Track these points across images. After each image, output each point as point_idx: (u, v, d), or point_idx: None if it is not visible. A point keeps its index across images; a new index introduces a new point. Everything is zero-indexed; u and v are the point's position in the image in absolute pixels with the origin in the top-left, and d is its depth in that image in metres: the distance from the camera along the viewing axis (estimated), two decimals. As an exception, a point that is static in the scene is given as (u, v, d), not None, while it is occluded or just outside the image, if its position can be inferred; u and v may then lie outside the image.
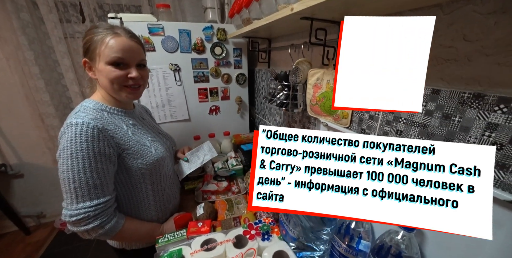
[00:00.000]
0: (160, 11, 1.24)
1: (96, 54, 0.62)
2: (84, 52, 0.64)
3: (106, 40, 0.61)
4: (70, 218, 0.58)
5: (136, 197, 0.74)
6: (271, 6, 0.77)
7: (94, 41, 0.61)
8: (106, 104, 0.68)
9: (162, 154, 0.76)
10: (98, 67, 0.63)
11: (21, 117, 1.74)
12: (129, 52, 0.64)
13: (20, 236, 1.85)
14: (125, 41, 0.63)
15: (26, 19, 1.54)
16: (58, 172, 0.59)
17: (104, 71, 0.62)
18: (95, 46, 0.61)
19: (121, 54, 0.62)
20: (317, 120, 0.84)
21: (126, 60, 0.64)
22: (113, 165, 0.64)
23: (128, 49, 0.63)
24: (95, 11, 1.68)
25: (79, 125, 0.57)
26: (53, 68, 1.75)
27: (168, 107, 1.27)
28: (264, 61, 1.26)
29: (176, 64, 1.21)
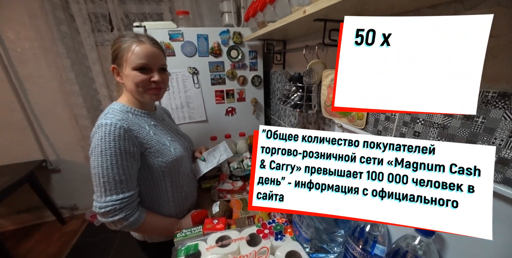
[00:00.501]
0: (179, 18, 1.30)
1: (123, 61, 0.67)
2: (113, 59, 0.70)
3: (132, 47, 0.66)
4: (100, 209, 0.64)
5: (156, 193, 0.78)
6: (285, 8, 0.77)
7: (121, 49, 0.67)
8: (131, 106, 0.74)
9: (180, 153, 0.80)
10: (125, 72, 0.69)
11: (59, 118, 1.94)
12: (152, 58, 0.69)
13: (57, 226, 2.05)
14: (149, 48, 0.68)
15: (65, 31, 1.72)
16: (90, 168, 0.66)
17: (130, 75, 0.68)
18: (123, 53, 0.67)
19: (145, 60, 0.67)
20: (331, 121, 0.83)
21: (150, 65, 0.69)
22: (136, 162, 0.70)
23: (151, 55, 0.69)
24: (122, 20, 1.81)
25: (108, 126, 0.63)
26: (86, 74, 1.92)
27: (187, 109, 1.33)
28: (279, 63, 1.27)
29: (195, 67, 1.27)
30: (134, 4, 1.82)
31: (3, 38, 1.66)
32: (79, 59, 1.85)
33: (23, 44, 1.71)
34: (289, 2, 0.73)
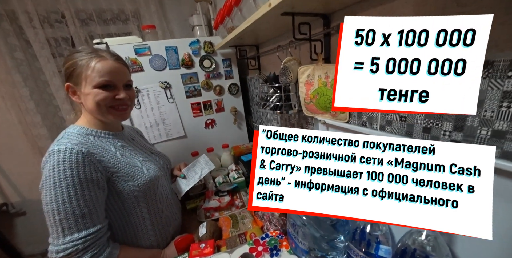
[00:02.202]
0: (146, 32, 1.26)
1: (82, 79, 0.60)
2: (67, 76, 0.62)
3: (91, 64, 0.60)
4: (57, 254, 0.52)
5: (131, 222, 0.68)
6: (251, 9, 0.76)
7: (78, 66, 0.60)
8: (92, 128, 0.65)
9: (155, 173, 0.71)
10: (84, 91, 0.61)
11: (21, 153, 1.73)
12: (116, 74, 0.63)
13: (23, 279, 1.74)
14: (111, 63, 0.62)
15: (20, 58, 1.59)
16: (42, 205, 0.55)
17: (91, 94, 0.60)
18: (80, 70, 0.60)
19: (109, 77, 0.61)
20: (314, 119, 0.79)
21: (114, 82, 0.63)
22: (102, 190, 0.60)
23: (115, 71, 0.63)
24: (87, 42, 1.73)
25: (62, 152, 0.54)
26: (49, 102, 1.77)
27: (163, 126, 1.24)
28: (254, 68, 1.25)
29: (166, 81, 1.21)
30: (99, 24, 1.76)
31: None
32: (39, 87, 1.71)
33: (-29, 75, 1.54)
34: (254, 1, 0.71)
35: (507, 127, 0.35)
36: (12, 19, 1.54)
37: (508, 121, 0.35)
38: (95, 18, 1.73)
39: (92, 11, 1.71)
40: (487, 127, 0.37)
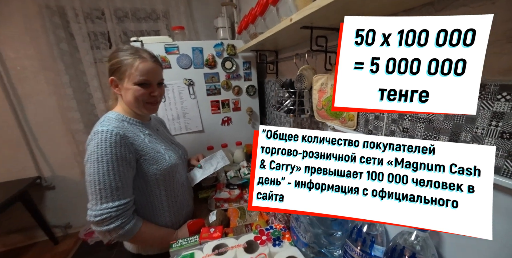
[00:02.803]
0: (175, 32, 1.37)
1: (125, 75, 0.70)
2: (113, 71, 0.72)
3: (135, 64, 0.70)
4: (95, 218, 0.62)
5: (151, 202, 0.77)
6: (274, 19, 0.82)
7: (124, 64, 0.70)
8: (126, 116, 0.75)
9: (175, 161, 0.80)
10: (126, 86, 0.71)
11: (56, 134, 1.93)
12: (153, 74, 0.73)
13: (49, 246, 1.95)
14: (150, 64, 0.72)
15: (64, 48, 1.77)
16: (84, 184, 0.65)
17: (132, 89, 0.71)
18: (125, 68, 0.70)
19: (147, 77, 0.71)
20: (324, 124, 0.85)
21: (150, 80, 0.73)
22: (132, 169, 0.69)
23: (152, 71, 0.73)
24: (120, 38, 1.88)
25: (104, 132, 0.64)
26: (84, 89, 1.95)
27: (183, 119, 1.34)
28: (272, 72, 1.31)
29: (190, 79, 1.31)
30: (132, 22, 1.91)
31: (4, 57, 1.70)
32: (77, 76, 1.89)
33: (23, 62, 1.75)
34: (278, 13, 0.78)
35: (494, 143, 0.39)
36: (61, 14, 1.73)
37: (495, 138, 0.38)
38: (130, 16, 1.88)
39: (128, 9, 1.86)
40: (478, 143, 0.41)
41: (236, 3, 1.71)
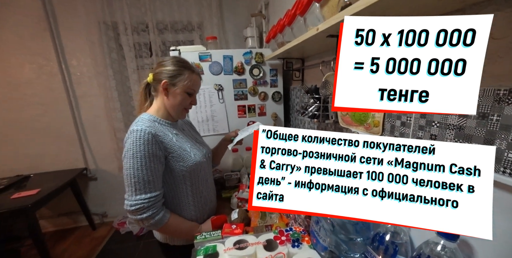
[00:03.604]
0: (209, 42, 1.49)
1: (181, 83, 0.81)
2: (170, 76, 0.80)
3: (192, 77, 0.83)
4: (130, 207, 0.70)
5: (178, 196, 0.84)
6: (301, 29, 0.86)
7: (183, 73, 0.81)
8: (157, 117, 0.83)
9: (199, 159, 0.87)
10: (176, 91, 0.81)
11: (101, 131, 2.20)
12: (198, 87, 0.87)
13: (88, 231, 2.20)
14: (199, 80, 0.87)
15: (114, 57, 2.04)
16: (121, 178, 0.74)
17: (180, 95, 0.81)
18: (183, 77, 0.80)
19: (195, 89, 0.86)
20: (348, 130, 0.84)
21: (195, 92, 0.87)
22: (162, 165, 0.77)
23: (198, 85, 0.87)
24: (160, 47, 2.10)
25: (139, 132, 0.72)
26: (126, 93, 2.20)
27: (212, 122, 1.44)
28: (298, 79, 1.34)
29: (220, 84, 1.40)
30: (171, 33, 2.12)
31: (68, 65, 2.03)
32: (122, 80, 2.15)
33: (81, 69, 2.06)
34: (305, 23, 0.82)
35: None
36: (114, 28, 2.00)
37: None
38: (169, 28, 2.09)
39: (168, 22, 2.07)
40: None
41: (265, 14, 1.79)
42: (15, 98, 1.98)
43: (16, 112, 2.01)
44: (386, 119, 0.67)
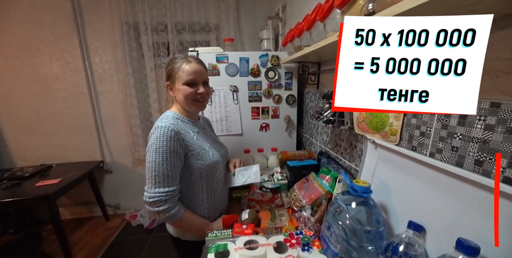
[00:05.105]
0: (226, 44, 1.51)
1: (176, 78, 0.82)
2: (168, 77, 0.85)
3: (182, 66, 0.81)
4: (149, 199, 0.74)
5: (193, 193, 0.87)
6: (320, 34, 0.87)
7: (174, 68, 0.82)
8: (180, 115, 0.87)
9: (217, 158, 0.89)
10: (177, 87, 0.83)
11: (118, 126, 2.29)
12: (198, 74, 0.82)
13: (102, 221, 2.30)
14: (195, 66, 0.82)
15: (134, 56, 2.12)
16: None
17: (181, 89, 0.82)
18: (176, 72, 0.82)
19: (193, 76, 0.81)
20: (364, 137, 0.84)
21: (196, 80, 0.82)
22: (181, 162, 0.80)
23: (197, 71, 0.82)
24: (177, 47, 2.16)
25: (163, 128, 0.76)
26: (143, 90, 2.28)
27: (225, 122, 1.46)
28: (313, 83, 1.34)
29: (235, 85, 1.42)
30: (188, 34, 2.17)
31: (92, 62, 2.13)
32: (140, 78, 2.23)
33: (103, 66, 2.16)
34: (325, 28, 0.82)
35: None
36: (135, 28, 2.08)
37: None
38: (187, 29, 2.15)
39: (186, 23, 2.12)
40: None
41: (282, 16, 1.80)
42: (45, 93, 2.13)
43: (46, 105, 2.16)
44: (404, 128, 0.66)
